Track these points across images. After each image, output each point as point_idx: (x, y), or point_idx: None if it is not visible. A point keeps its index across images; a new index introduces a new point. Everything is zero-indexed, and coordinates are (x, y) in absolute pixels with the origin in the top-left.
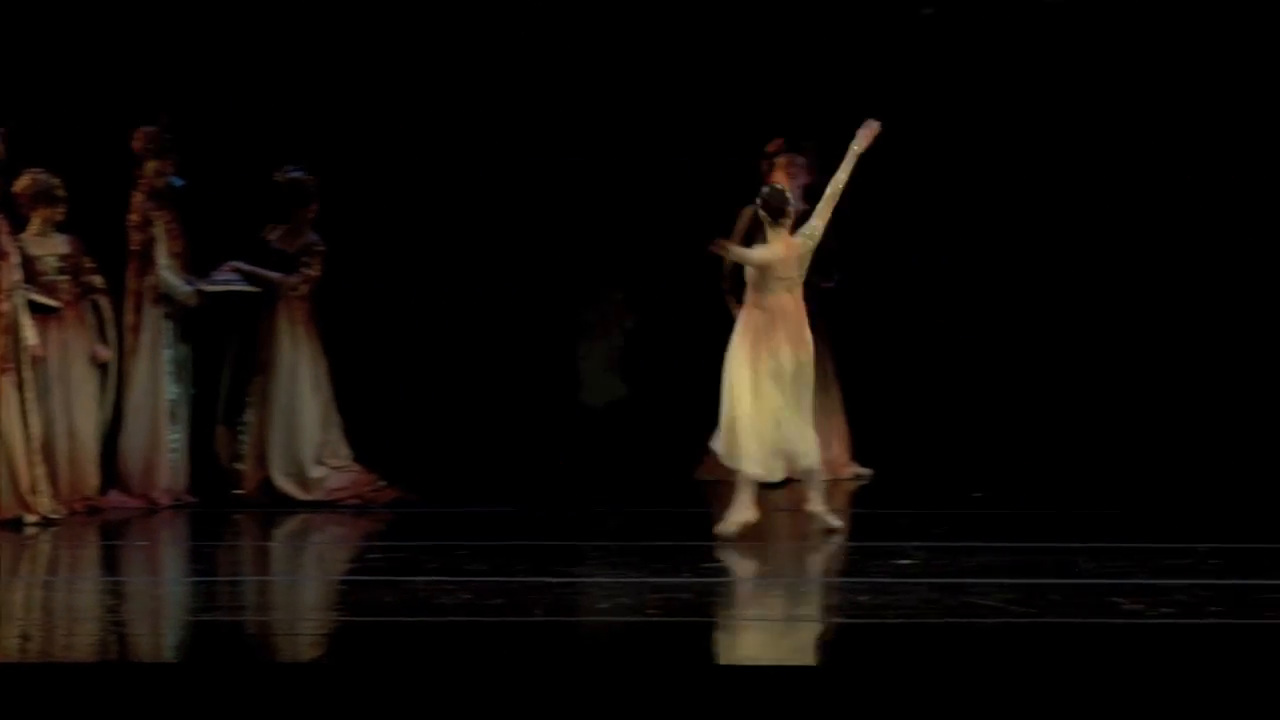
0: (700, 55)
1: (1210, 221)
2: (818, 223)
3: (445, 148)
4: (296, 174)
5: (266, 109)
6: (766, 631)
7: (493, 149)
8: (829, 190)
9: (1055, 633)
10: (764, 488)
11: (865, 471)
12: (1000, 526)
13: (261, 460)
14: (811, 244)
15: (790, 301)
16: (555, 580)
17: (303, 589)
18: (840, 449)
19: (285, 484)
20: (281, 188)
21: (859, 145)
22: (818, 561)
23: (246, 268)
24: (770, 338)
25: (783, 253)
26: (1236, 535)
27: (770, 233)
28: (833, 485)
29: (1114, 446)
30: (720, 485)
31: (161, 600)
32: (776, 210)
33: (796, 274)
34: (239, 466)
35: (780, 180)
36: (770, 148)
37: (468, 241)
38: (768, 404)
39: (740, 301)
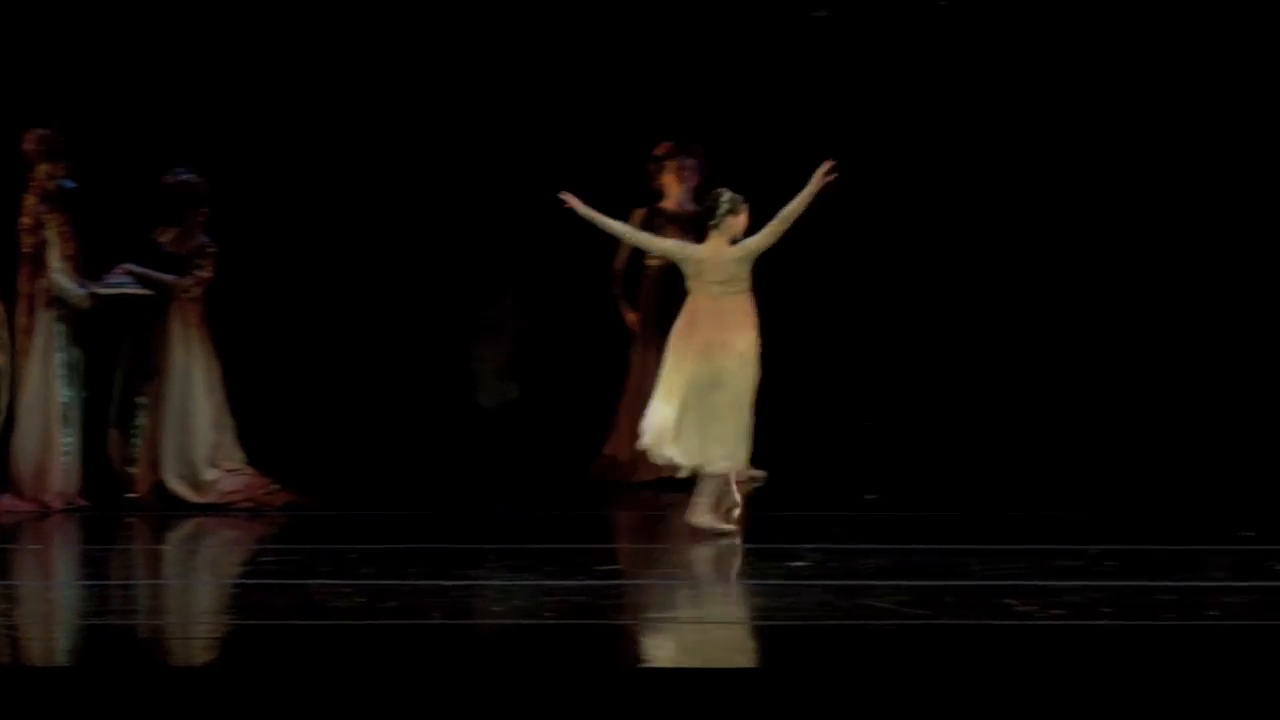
0: (591, 57)
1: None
2: (757, 241)
3: (337, 149)
4: (187, 176)
5: (157, 111)
6: (661, 634)
7: (385, 150)
8: (780, 215)
9: (949, 634)
10: (662, 488)
11: (759, 474)
12: (894, 529)
13: (154, 463)
14: (741, 254)
15: (713, 306)
16: (449, 583)
17: (196, 592)
18: None
19: (178, 487)
20: (172, 190)
21: (812, 186)
22: (711, 563)
23: (139, 270)
24: (689, 340)
25: (703, 254)
26: (1129, 537)
27: (709, 234)
28: None
29: (1012, 449)
30: (614, 486)
31: (53, 604)
32: (708, 212)
33: (721, 280)
34: (131, 470)
35: (670, 183)
36: (659, 150)
37: (361, 243)
38: (676, 402)
39: (631, 305)
